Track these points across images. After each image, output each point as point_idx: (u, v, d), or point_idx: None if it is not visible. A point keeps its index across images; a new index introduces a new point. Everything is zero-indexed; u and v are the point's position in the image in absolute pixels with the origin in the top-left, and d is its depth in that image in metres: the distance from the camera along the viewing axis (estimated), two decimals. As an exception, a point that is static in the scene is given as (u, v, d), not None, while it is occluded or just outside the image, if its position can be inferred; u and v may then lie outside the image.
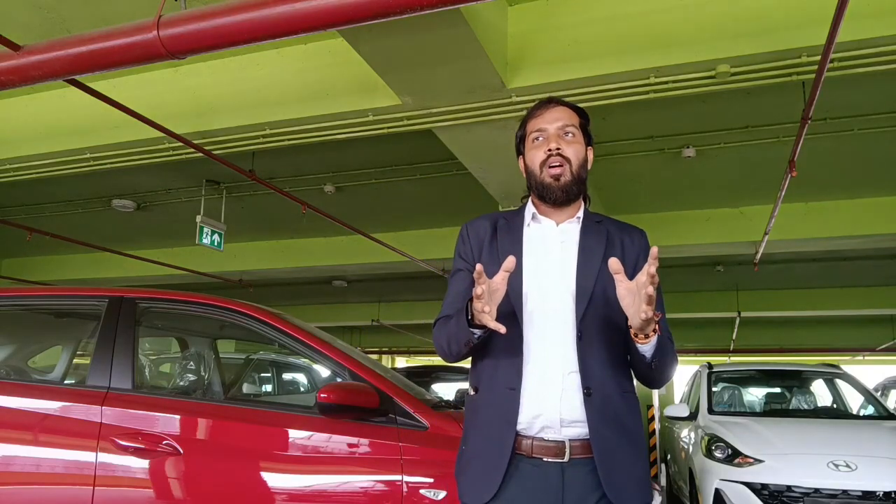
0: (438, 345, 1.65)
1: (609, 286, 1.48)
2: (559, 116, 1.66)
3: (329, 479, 2.26)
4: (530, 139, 1.68)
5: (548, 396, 1.50)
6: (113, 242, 9.14)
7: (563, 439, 1.49)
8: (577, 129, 1.67)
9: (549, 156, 1.61)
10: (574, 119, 1.67)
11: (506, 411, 1.51)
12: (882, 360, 19.77)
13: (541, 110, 1.69)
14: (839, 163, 6.20)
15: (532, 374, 1.52)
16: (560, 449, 1.49)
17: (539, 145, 1.65)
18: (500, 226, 1.69)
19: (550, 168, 1.61)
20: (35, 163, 5.49)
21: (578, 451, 1.49)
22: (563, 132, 1.64)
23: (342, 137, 4.72)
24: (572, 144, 1.64)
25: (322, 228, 8.20)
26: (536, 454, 1.49)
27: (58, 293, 3.04)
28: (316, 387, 5.05)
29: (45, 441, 2.42)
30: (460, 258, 1.70)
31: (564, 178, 1.61)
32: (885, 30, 3.44)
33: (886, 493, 4.13)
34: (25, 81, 3.12)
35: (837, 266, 10.25)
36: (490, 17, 3.76)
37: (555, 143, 1.62)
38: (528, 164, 1.67)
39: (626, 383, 1.58)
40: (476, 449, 1.56)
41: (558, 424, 1.49)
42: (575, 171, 1.63)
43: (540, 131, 1.66)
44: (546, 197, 1.63)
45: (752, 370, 7.40)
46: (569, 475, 1.48)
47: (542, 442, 1.49)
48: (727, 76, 3.75)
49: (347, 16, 2.50)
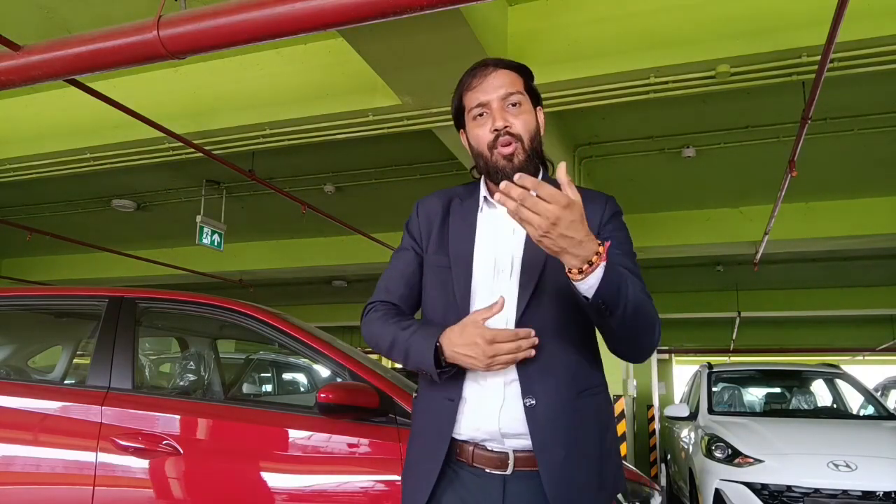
0: (372, 342, 1.46)
1: (562, 273, 1.21)
2: (500, 83, 1.41)
3: (329, 479, 2.26)
4: (470, 115, 1.44)
5: (486, 409, 1.33)
6: (113, 242, 9.14)
7: (506, 450, 1.32)
8: (523, 93, 1.43)
9: (497, 136, 1.38)
10: (517, 83, 1.43)
11: (442, 423, 1.36)
12: (882, 360, 19.77)
13: (478, 79, 1.43)
14: (839, 163, 6.20)
15: (472, 383, 1.36)
16: (502, 460, 1.32)
17: (483, 122, 1.41)
18: (453, 207, 1.49)
19: (501, 148, 1.38)
20: (35, 163, 5.49)
21: (523, 463, 1.32)
22: (508, 102, 1.40)
23: (342, 137, 4.73)
24: (520, 116, 1.40)
25: (322, 228, 8.20)
26: (478, 464, 1.34)
27: (58, 293, 3.03)
28: (316, 387, 5.05)
29: (46, 441, 2.42)
30: (409, 236, 1.53)
31: (518, 157, 1.38)
32: (885, 30, 3.44)
33: (886, 493, 4.13)
34: (25, 81, 3.12)
35: (837, 266, 10.25)
36: (490, 17, 3.76)
37: (501, 120, 1.38)
38: (474, 144, 1.44)
39: (588, 381, 1.38)
40: (414, 455, 1.45)
41: (500, 437, 1.33)
42: (528, 146, 1.40)
43: (481, 106, 1.41)
44: (499, 181, 1.37)
45: (752, 370, 7.39)
46: (511, 489, 1.31)
47: (484, 452, 1.34)
48: (727, 76, 3.75)
49: (347, 16, 2.49)
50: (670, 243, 7.83)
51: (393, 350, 1.39)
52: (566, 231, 1.11)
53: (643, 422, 10.34)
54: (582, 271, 1.15)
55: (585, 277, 1.16)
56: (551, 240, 1.12)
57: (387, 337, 1.40)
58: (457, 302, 1.38)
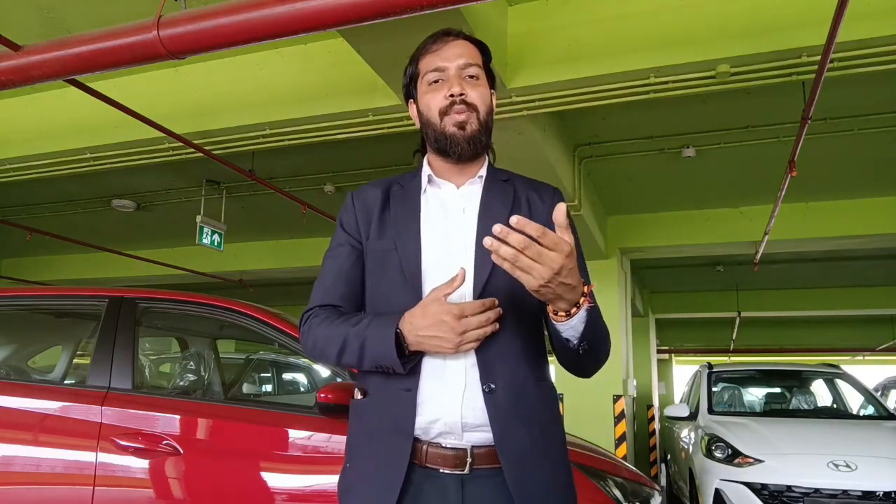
0: (317, 351, 1.31)
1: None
2: (460, 52, 1.36)
3: (329, 479, 2.26)
4: (424, 81, 1.38)
5: (447, 396, 1.22)
6: (113, 242, 9.14)
7: (464, 446, 1.21)
8: (481, 68, 1.38)
9: (452, 103, 1.31)
10: (477, 56, 1.39)
11: (400, 418, 1.22)
12: (882, 360, 19.78)
13: (438, 44, 1.38)
14: (839, 163, 6.20)
15: (430, 370, 1.23)
16: (460, 458, 1.20)
17: (437, 88, 1.35)
18: (393, 192, 1.39)
19: (455, 115, 1.31)
20: (35, 163, 5.49)
21: (483, 460, 1.20)
22: (466, 73, 1.35)
23: (342, 137, 4.72)
24: (477, 87, 1.35)
25: (322, 228, 8.19)
26: (431, 464, 1.21)
27: (58, 293, 3.04)
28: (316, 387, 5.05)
29: (46, 441, 2.42)
30: (342, 231, 1.39)
31: (471, 126, 1.32)
32: (885, 30, 3.44)
33: (886, 493, 4.14)
34: (25, 81, 3.12)
35: (837, 266, 10.25)
36: (490, 17, 3.76)
37: (457, 86, 1.32)
38: (424, 111, 1.37)
39: (542, 371, 1.30)
40: (365, 465, 1.26)
41: (459, 430, 1.20)
42: (482, 118, 1.34)
43: (438, 71, 1.35)
44: (449, 150, 1.33)
45: (752, 370, 7.40)
46: (470, 490, 1.20)
47: (439, 449, 1.21)
48: (727, 76, 3.75)
49: (347, 16, 2.49)
50: (670, 243, 7.83)
51: (345, 352, 1.25)
52: (566, 279, 1.07)
53: (643, 422, 10.34)
54: (568, 314, 1.14)
55: (569, 319, 1.15)
56: (550, 288, 1.07)
57: (335, 339, 1.26)
58: (408, 283, 1.26)
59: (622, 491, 2.47)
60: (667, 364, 17.63)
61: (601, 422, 7.04)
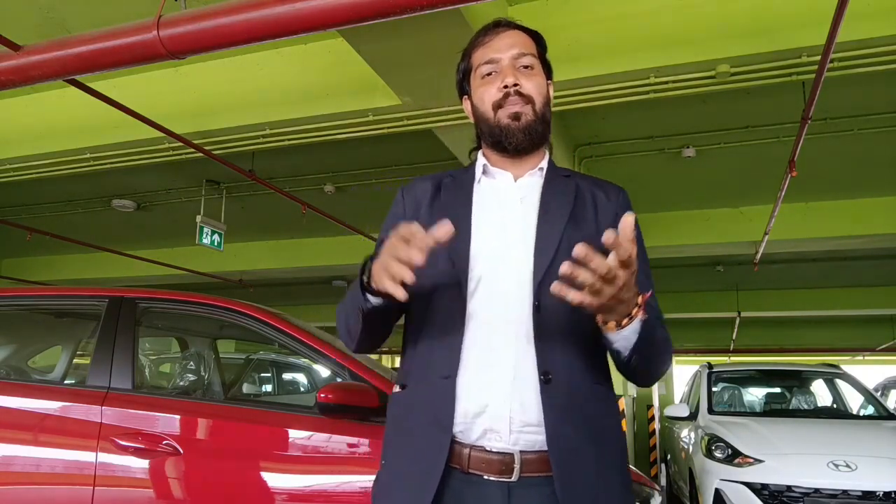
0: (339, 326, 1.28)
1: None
2: (513, 42, 1.31)
3: (329, 479, 2.26)
4: (478, 74, 1.32)
5: (494, 386, 1.12)
6: (113, 242, 9.14)
7: (511, 450, 1.10)
8: (537, 58, 1.32)
9: (506, 94, 1.26)
10: (531, 46, 1.33)
11: (437, 409, 1.13)
12: (882, 360, 19.77)
13: (489, 36, 1.33)
14: (839, 163, 6.20)
15: (473, 357, 1.14)
16: (507, 464, 1.09)
17: (490, 80, 1.29)
18: (444, 184, 1.32)
19: (507, 107, 1.26)
20: (35, 163, 5.49)
21: (533, 466, 1.09)
22: (521, 64, 1.29)
23: (342, 137, 4.73)
24: (533, 78, 1.29)
25: (322, 228, 8.20)
26: (474, 470, 1.10)
27: (58, 293, 3.04)
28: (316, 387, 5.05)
29: (46, 441, 2.42)
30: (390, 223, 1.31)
31: (526, 116, 1.26)
32: (885, 30, 3.44)
33: (886, 493, 4.13)
34: (25, 81, 3.12)
35: (837, 266, 10.25)
36: (490, 17, 3.75)
37: (511, 77, 1.26)
38: (478, 106, 1.31)
39: (599, 372, 1.20)
40: (399, 464, 1.17)
41: (507, 428, 1.10)
42: (539, 109, 1.28)
43: (491, 63, 1.30)
44: (505, 142, 1.26)
45: (752, 370, 7.40)
46: (517, 500, 1.09)
47: (483, 453, 1.10)
48: (727, 76, 3.75)
49: (347, 16, 2.50)
50: (670, 243, 7.83)
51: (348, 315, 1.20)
52: (624, 294, 1.01)
53: (643, 422, 10.33)
54: (620, 325, 1.07)
55: (620, 330, 1.08)
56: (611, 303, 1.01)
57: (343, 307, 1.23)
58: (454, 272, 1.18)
59: (622, 491, 2.47)
60: (667, 364, 17.59)
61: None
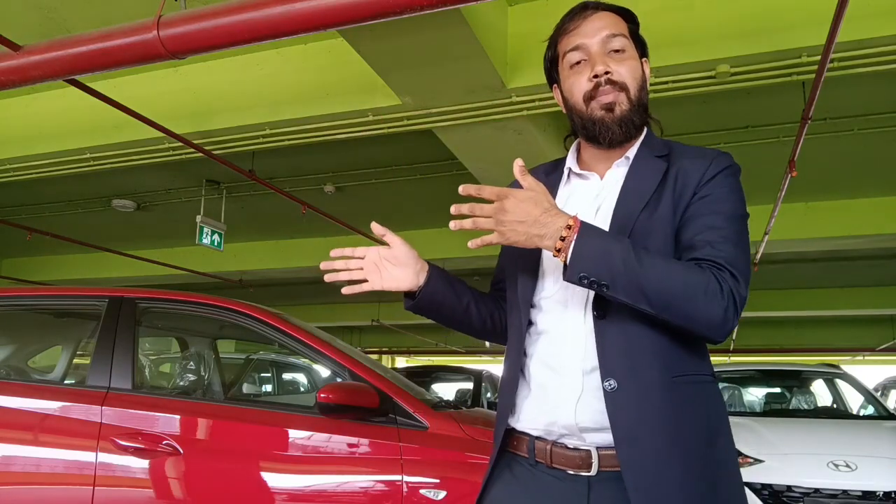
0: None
1: (654, 233, 1.13)
2: (602, 25, 1.22)
3: (329, 479, 2.26)
4: (565, 63, 1.26)
5: (561, 399, 1.16)
6: (113, 242, 9.14)
7: (587, 447, 1.13)
8: (628, 38, 1.24)
9: (598, 85, 1.20)
10: (622, 26, 1.24)
11: (504, 407, 1.24)
12: (882, 360, 19.78)
13: (575, 21, 1.24)
14: (839, 163, 6.19)
15: (539, 371, 1.20)
16: (584, 459, 1.13)
17: (580, 70, 1.23)
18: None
19: (599, 98, 1.21)
20: (35, 163, 5.49)
21: (610, 461, 1.11)
22: (610, 48, 1.22)
23: (342, 137, 4.72)
24: (625, 62, 1.22)
25: (322, 228, 8.20)
26: (557, 464, 1.16)
27: (58, 293, 3.03)
28: (316, 387, 5.05)
29: (46, 441, 2.42)
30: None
31: (621, 107, 1.21)
32: (885, 30, 3.44)
33: (886, 493, 4.13)
34: (25, 81, 3.12)
35: (837, 266, 10.24)
36: (490, 17, 3.76)
37: (601, 64, 1.20)
38: (568, 97, 1.26)
39: (682, 365, 1.14)
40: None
41: (577, 430, 1.14)
42: (634, 96, 1.22)
43: (578, 50, 1.23)
44: (600, 136, 1.22)
45: (752, 370, 7.39)
46: (597, 494, 1.12)
47: (564, 450, 1.15)
48: (727, 76, 3.75)
49: (347, 16, 2.49)
50: (670, 243, 7.82)
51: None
52: (517, 216, 1.06)
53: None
54: (559, 249, 1.07)
55: (564, 255, 1.07)
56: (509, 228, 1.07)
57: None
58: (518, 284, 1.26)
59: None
60: (667, 364, 17.58)
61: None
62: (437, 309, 1.34)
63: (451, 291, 1.33)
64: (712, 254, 1.10)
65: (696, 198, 1.16)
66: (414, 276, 1.30)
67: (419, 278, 1.30)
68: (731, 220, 1.16)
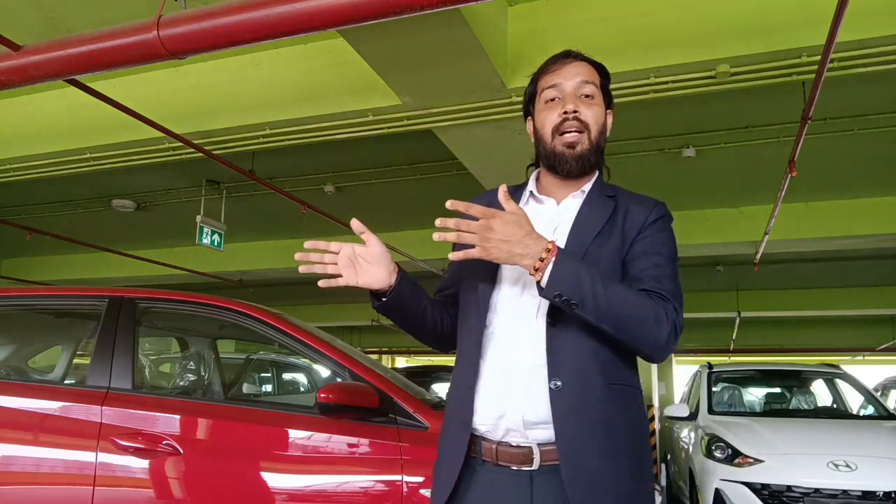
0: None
1: (604, 261, 1.31)
2: (578, 72, 1.43)
3: (329, 479, 2.26)
4: (542, 98, 1.46)
5: (510, 394, 1.30)
6: (113, 242, 9.14)
7: (529, 444, 1.28)
8: (598, 88, 1.44)
9: (565, 119, 1.40)
10: (594, 76, 1.45)
11: (462, 412, 1.34)
12: (882, 360, 19.78)
13: (556, 65, 1.45)
14: (839, 163, 6.19)
15: (492, 369, 1.34)
16: (527, 455, 1.28)
17: (553, 106, 1.42)
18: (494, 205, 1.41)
19: (564, 135, 1.40)
20: (35, 163, 5.49)
21: (550, 456, 1.26)
22: (583, 92, 1.42)
23: (342, 137, 4.72)
24: (592, 107, 1.42)
25: (322, 228, 8.19)
26: (502, 461, 1.29)
27: (58, 293, 3.03)
28: (316, 387, 5.05)
29: (46, 441, 2.42)
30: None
31: (581, 146, 1.40)
32: (885, 30, 3.44)
33: (886, 493, 4.14)
34: (25, 81, 3.12)
35: (837, 266, 10.25)
36: (490, 17, 3.76)
37: (572, 104, 1.40)
38: (538, 128, 1.46)
39: (617, 375, 1.31)
40: (441, 451, 1.41)
41: (521, 426, 1.28)
42: (594, 138, 1.41)
43: (555, 88, 1.43)
44: (558, 168, 1.42)
45: (752, 370, 7.40)
46: (539, 485, 1.26)
47: (507, 448, 1.29)
48: (727, 76, 3.75)
49: (347, 16, 2.49)
50: (670, 243, 7.82)
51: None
52: (502, 235, 1.21)
53: (645, 420, 10.32)
54: (537, 269, 1.22)
55: (541, 275, 1.22)
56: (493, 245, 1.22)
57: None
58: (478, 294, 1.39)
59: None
60: (667, 364, 17.60)
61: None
62: (402, 309, 1.43)
63: (415, 293, 1.44)
64: (658, 287, 1.30)
65: (641, 237, 1.36)
66: (387, 276, 1.38)
67: (391, 278, 1.38)
68: (669, 260, 1.37)
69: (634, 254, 1.35)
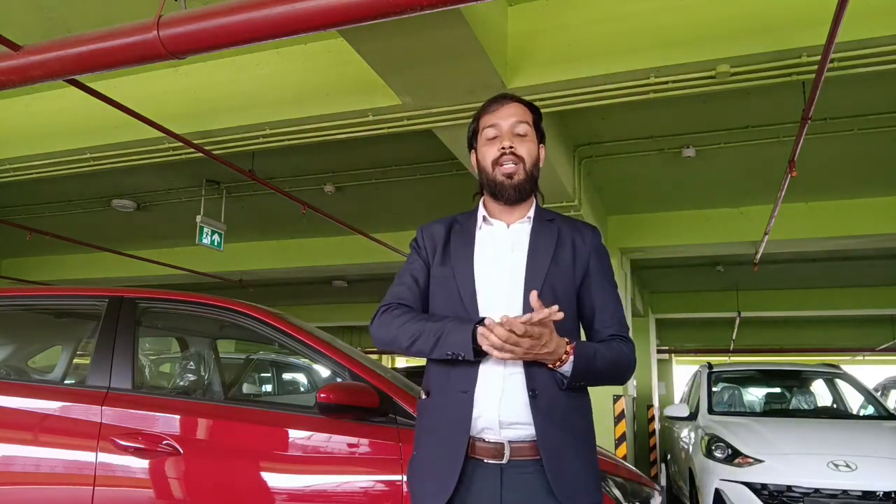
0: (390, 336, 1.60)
1: (558, 284, 1.57)
2: (513, 112, 1.65)
3: (329, 479, 2.26)
4: (483, 136, 1.67)
5: (490, 398, 1.50)
6: (113, 242, 9.14)
7: (501, 441, 1.48)
8: (531, 126, 1.67)
9: (503, 154, 1.61)
10: (527, 116, 1.67)
11: (458, 415, 1.50)
12: (882, 360, 19.79)
13: (494, 105, 1.67)
14: (839, 163, 6.20)
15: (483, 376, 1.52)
16: (499, 450, 1.48)
17: (492, 143, 1.64)
18: (454, 229, 1.70)
19: (503, 166, 1.61)
20: (35, 163, 5.49)
21: (518, 452, 1.48)
22: (517, 131, 1.64)
23: (342, 137, 4.72)
24: (525, 143, 1.64)
25: (322, 228, 8.20)
26: (479, 455, 1.49)
27: (58, 293, 3.03)
28: (316, 387, 5.05)
29: (45, 441, 2.42)
30: (415, 251, 1.72)
31: (518, 176, 1.61)
32: (885, 30, 3.44)
33: (886, 493, 4.13)
34: (25, 81, 3.12)
35: (837, 266, 10.25)
36: (490, 17, 3.76)
37: (508, 140, 1.62)
38: (481, 161, 1.67)
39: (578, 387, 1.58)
40: (428, 455, 1.56)
41: (497, 426, 1.48)
42: (528, 169, 1.63)
43: (493, 127, 1.65)
44: (498, 195, 1.64)
45: (752, 370, 7.40)
46: (508, 477, 1.47)
47: (483, 443, 1.49)
48: (727, 76, 3.75)
49: (347, 16, 2.49)
50: (670, 243, 7.82)
51: (418, 340, 1.54)
52: (543, 349, 1.44)
53: (643, 422, 10.33)
54: (554, 365, 1.48)
55: (561, 366, 1.49)
56: (532, 355, 1.44)
57: (412, 329, 1.56)
58: (465, 304, 1.57)
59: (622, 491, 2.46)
60: (667, 364, 17.63)
61: (601, 422, 7.01)
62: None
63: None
64: (621, 331, 1.64)
65: (592, 269, 1.65)
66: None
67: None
68: (617, 296, 1.69)
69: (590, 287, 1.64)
